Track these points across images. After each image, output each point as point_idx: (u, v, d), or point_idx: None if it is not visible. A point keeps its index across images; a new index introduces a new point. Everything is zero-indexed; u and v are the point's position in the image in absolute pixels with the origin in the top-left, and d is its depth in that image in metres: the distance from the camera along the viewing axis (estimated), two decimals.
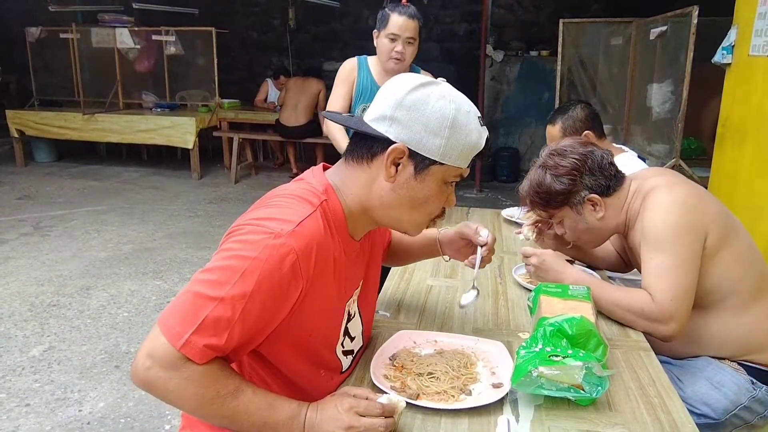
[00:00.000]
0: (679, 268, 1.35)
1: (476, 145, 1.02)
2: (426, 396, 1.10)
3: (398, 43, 2.40)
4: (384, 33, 2.40)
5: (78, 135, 7.11)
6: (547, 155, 1.53)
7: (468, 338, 1.33)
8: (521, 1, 8.03)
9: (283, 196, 1.01)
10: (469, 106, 1.02)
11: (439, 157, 1.00)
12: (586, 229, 1.54)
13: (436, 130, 0.98)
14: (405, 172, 1.01)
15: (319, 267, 0.97)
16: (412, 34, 2.41)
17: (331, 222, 1.02)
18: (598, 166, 1.48)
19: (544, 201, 1.52)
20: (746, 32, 2.99)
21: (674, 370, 1.53)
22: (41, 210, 5.55)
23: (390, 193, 1.03)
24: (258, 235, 0.91)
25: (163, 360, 0.87)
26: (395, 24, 2.37)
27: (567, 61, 5.41)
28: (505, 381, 1.14)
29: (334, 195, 1.05)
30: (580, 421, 1.06)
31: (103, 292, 3.73)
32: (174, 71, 7.49)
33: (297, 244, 0.92)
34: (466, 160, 1.03)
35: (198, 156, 6.91)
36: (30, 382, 2.70)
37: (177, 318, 0.88)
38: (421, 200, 1.04)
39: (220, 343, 0.89)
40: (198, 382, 0.89)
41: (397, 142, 0.99)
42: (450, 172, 1.03)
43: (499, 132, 7.34)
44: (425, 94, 0.99)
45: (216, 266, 0.91)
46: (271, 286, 0.90)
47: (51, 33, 7.56)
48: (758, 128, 2.91)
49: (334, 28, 8.50)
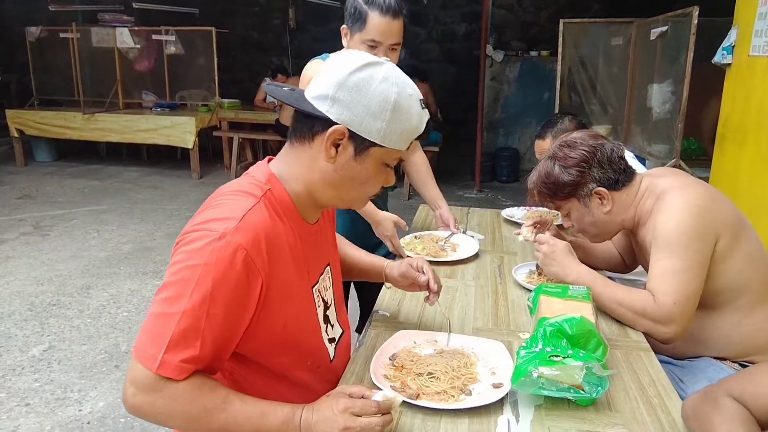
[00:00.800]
0: (687, 272, 1.35)
1: (416, 128, 1.02)
2: (426, 396, 1.10)
3: (379, 52, 1.78)
4: (360, 37, 1.81)
5: (78, 135, 7.11)
6: (557, 147, 1.53)
7: (467, 338, 1.33)
8: (521, 2, 8.04)
9: (226, 194, 1.02)
10: (412, 89, 1.02)
11: (379, 139, 0.99)
12: (592, 222, 1.53)
13: (378, 113, 0.97)
14: (345, 154, 1.01)
15: (273, 256, 0.97)
16: (396, 40, 1.82)
17: (278, 209, 1.02)
18: (608, 159, 1.47)
19: (552, 192, 1.52)
20: (746, 32, 2.99)
21: (675, 370, 1.53)
22: (41, 210, 5.55)
23: (330, 173, 1.03)
24: (202, 240, 0.91)
25: (144, 385, 0.88)
26: (375, 28, 1.77)
27: (567, 61, 5.41)
28: (505, 381, 1.14)
29: (278, 183, 1.05)
30: (580, 421, 1.06)
31: (103, 292, 3.73)
32: (174, 71, 7.49)
33: (243, 239, 0.92)
34: (405, 143, 1.03)
35: (198, 156, 6.91)
36: (30, 382, 2.70)
37: (147, 342, 0.89)
38: (361, 181, 1.04)
39: (195, 354, 0.90)
40: (182, 399, 0.90)
41: (338, 123, 0.98)
42: (390, 154, 1.03)
43: (498, 132, 7.35)
44: (368, 76, 0.98)
45: (169, 282, 0.92)
46: (228, 286, 0.91)
47: (51, 33, 7.56)
48: (758, 128, 2.91)
49: (334, 28, 8.44)
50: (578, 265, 1.53)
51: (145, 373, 0.88)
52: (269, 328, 1.02)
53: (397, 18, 1.79)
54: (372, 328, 1.43)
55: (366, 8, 1.77)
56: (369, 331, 1.41)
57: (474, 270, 1.82)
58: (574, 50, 5.43)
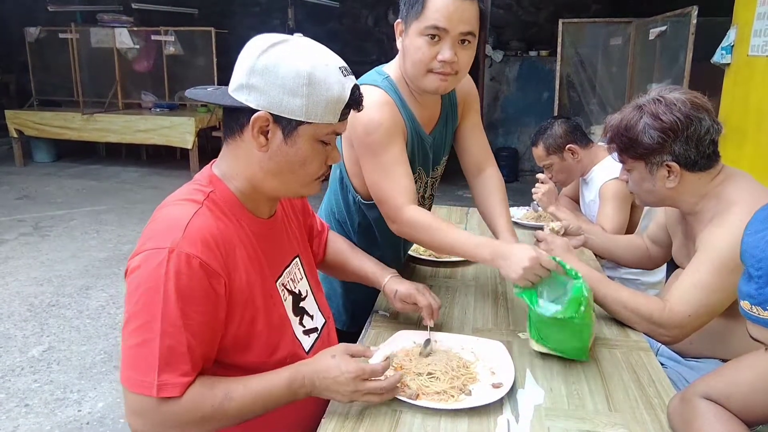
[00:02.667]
0: (717, 294, 1.30)
1: (340, 97, 0.98)
2: (425, 396, 1.10)
3: (444, 45, 1.31)
4: (417, 27, 1.31)
5: (77, 135, 7.10)
6: (653, 98, 1.36)
7: (467, 338, 1.33)
8: (521, 2, 8.04)
9: (168, 205, 1.01)
10: (328, 59, 0.98)
11: (304, 116, 0.96)
12: (649, 191, 1.42)
13: (294, 89, 0.94)
14: (275, 139, 0.98)
15: (227, 256, 0.97)
16: (469, 27, 1.31)
17: (224, 209, 1.02)
18: (697, 138, 1.31)
19: (625, 146, 1.39)
20: (745, 32, 3.00)
21: (683, 370, 1.52)
22: (41, 210, 5.55)
23: (267, 162, 1.00)
24: (153, 261, 0.90)
25: (149, 412, 0.89)
26: (440, 9, 1.28)
27: (566, 61, 5.41)
28: (505, 381, 1.14)
29: (220, 182, 1.05)
30: (580, 422, 1.06)
31: (103, 292, 3.73)
32: (173, 71, 7.49)
33: (192, 247, 0.92)
34: (334, 114, 0.99)
35: (197, 156, 6.91)
36: (29, 382, 2.70)
37: (136, 372, 0.89)
38: (299, 163, 1.01)
39: (188, 367, 0.91)
40: (190, 410, 0.91)
41: (258, 110, 0.96)
42: (320, 129, 0.99)
43: (498, 132, 7.35)
44: (276, 55, 0.95)
45: (134, 312, 0.90)
46: (194, 295, 0.91)
47: (50, 33, 7.55)
48: (758, 128, 2.92)
49: (333, 28, 8.50)
50: (578, 263, 1.51)
51: (146, 401, 0.89)
52: (236, 328, 1.02)
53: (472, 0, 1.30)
54: (372, 328, 1.43)
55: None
56: (369, 331, 1.41)
57: (474, 270, 1.82)
58: (574, 50, 5.43)
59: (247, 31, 9.05)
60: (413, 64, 1.35)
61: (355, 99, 1.01)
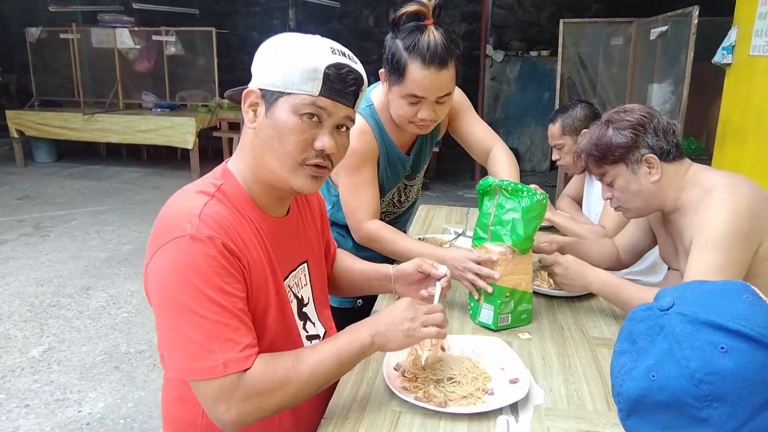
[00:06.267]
0: (726, 271, 1.32)
1: (316, 67, 0.96)
2: (453, 402, 1.08)
3: (423, 107, 1.46)
4: (398, 91, 1.46)
5: (78, 135, 7.11)
6: (612, 111, 1.50)
7: (465, 338, 1.33)
8: (521, 2, 8.04)
9: (177, 199, 1.01)
10: (319, 39, 1.01)
11: (282, 86, 0.97)
12: (636, 191, 1.46)
13: (273, 61, 0.98)
14: (260, 114, 1.00)
15: (243, 243, 0.97)
16: (445, 91, 1.46)
17: (234, 202, 1.01)
18: (663, 129, 1.43)
19: (602, 154, 1.46)
20: (746, 32, 2.99)
21: None
22: (41, 210, 5.55)
23: (255, 140, 1.01)
24: (178, 251, 0.90)
25: (228, 393, 0.89)
26: (418, 81, 1.42)
27: (567, 61, 5.41)
28: (520, 375, 1.14)
29: (231, 177, 1.05)
30: (579, 421, 1.06)
31: (103, 293, 3.73)
32: (174, 71, 7.50)
33: (210, 230, 0.92)
34: (311, 85, 0.96)
35: (198, 156, 6.92)
36: (29, 383, 2.70)
37: (195, 361, 0.89)
38: (277, 137, 0.98)
39: (248, 341, 0.92)
40: (265, 379, 0.92)
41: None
42: (298, 100, 0.96)
43: (499, 132, 7.25)
44: (269, 42, 1.02)
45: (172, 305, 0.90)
46: (223, 272, 0.91)
47: (51, 33, 7.56)
48: (758, 128, 2.91)
49: (334, 28, 8.50)
50: (595, 271, 1.49)
51: (219, 384, 0.88)
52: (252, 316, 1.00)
53: (445, 67, 1.41)
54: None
55: (406, 57, 1.40)
56: None
57: None
58: (574, 50, 5.43)
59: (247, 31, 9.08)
60: (396, 116, 1.54)
61: (340, 75, 0.97)
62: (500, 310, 1.39)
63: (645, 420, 0.65)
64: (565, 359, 1.28)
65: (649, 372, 0.63)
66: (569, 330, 1.43)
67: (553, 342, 1.37)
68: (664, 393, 0.62)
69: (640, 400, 0.64)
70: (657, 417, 0.64)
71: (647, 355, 0.65)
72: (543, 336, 1.40)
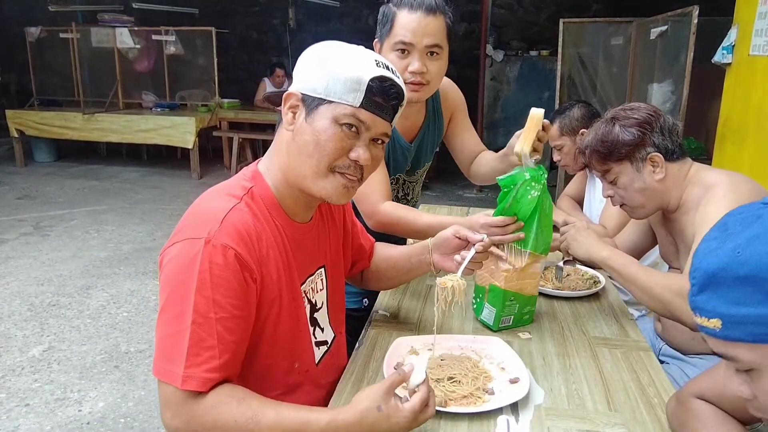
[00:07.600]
0: None
1: (360, 78, 0.96)
2: (454, 401, 1.09)
3: (413, 58, 1.44)
4: (388, 43, 1.46)
5: (78, 135, 7.11)
6: (618, 109, 1.50)
7: (465, 338, 1.33)
8: (521, 1, 8.04)
9: (208, 197, 1.02)
10: (364, 50, 1.02)
11: (324, 93, 0.98)
12: (640, 190, 1.46)
13: (318, 68, 0.99)
14: (299, 118, 1.01)
15: (260, 253, 0.98)
16: (435, 40, 1.44)
17: (261, 207, 1.02)
18: (668, 128, 1.44)
19: (608, 152, 1.45)
20: (746, 32, 2.99)
21: (684, 366, 1.52)
22: (41, 210, 5.55)
23: (292, 143, 1.01)
24: (189, 252, 0.91)
25: (176, 404, 0.89)
26: (405, 26, 1.42)
27: (567, 61, 5.40)
28: (520, 375, 1.14)
29: (261, 179, 1.06)
30: (580, 421, 1.06)
31: (103, 292, 3.73)
32: (174, 71, 7.49)
33: (228, 238, 0.93)
34: (353, 95, 0.97)
35: (198, 156, 6.91)
36: (30, 382, 2.70)
37: (165, 362, 0.89)
38: (314, 142, 0.99)
39: (216, 363, 0.89)
40: (213, 413, 0.89)
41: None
42: (339, 110, 0.97)
43: (499, 132, 7.34)
44: (313, 48, 1.03)
45: (168, 302, 0.91)
46: (227, 286, 0.91)
47: (51, 33, 7.56)
48: (758, 128, 2.91)
49: (334, 28, 8.50)
50: (605, 245, 1.47)
51: (172, 391, 0.88)
52: (261, 328, 1.01)
53: (433, 14, 1.41)
54: (372, 327, 1.42)
55: (394, 9, 1.44)
56: (369, 331, 1.41)
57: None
58: (574, 50, 5.42)
59: (247, 31, 9.07)
60: None
61: (382, 88, 0.98)
62: (502, 313, 1.39)
63: (718, 295, 0.65)
64: (566, 359, 1.28)
65: (735, 249, 0.63)
66: (569, 330, 1.43)
67: (553, 342, 1.37)
68: (745, 267, 0.62)
69: (718, 273, 0.64)
70: (731, 292, 0.63)
71: (737, 237, 0.65)
72: (543, 336, 1.40)
